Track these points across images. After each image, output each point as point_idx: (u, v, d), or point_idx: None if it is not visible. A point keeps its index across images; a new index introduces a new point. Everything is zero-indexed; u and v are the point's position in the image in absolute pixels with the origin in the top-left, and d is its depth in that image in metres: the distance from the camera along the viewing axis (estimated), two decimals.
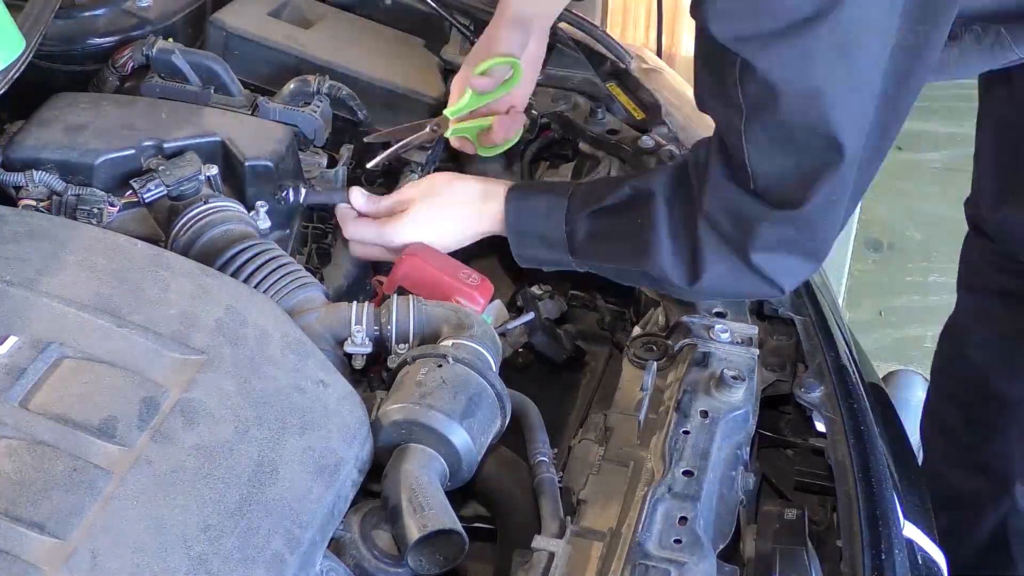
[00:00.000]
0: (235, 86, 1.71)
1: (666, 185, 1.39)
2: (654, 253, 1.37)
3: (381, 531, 1.20)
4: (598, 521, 1.22)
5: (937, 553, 1.40)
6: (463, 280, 1.50)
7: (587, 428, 1.39)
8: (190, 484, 1.05)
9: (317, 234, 1.65)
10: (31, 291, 1.16)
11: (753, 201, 1.30)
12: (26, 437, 1.03)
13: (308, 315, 1.37)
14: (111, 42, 1.74)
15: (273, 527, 1.06)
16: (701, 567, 1.12)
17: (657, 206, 1.37)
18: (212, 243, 1.42)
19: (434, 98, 1.88)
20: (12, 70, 1.35)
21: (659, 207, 1.37)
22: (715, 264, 1.35)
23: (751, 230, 1.31)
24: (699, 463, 1.25)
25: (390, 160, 1.84)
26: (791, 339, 1.51)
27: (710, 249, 1.34)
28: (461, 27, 1.94)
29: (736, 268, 1.34)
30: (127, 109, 1.57)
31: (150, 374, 1.13)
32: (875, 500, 1.29)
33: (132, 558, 0.98)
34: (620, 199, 1.42)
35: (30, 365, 1.09)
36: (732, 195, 1.31)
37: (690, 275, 1.37)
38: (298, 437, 1.14)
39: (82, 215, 1.41)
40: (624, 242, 1.41)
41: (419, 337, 1.37)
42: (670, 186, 1.39)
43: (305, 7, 1.99)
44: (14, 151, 1.47)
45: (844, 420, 1.37)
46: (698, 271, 1.35)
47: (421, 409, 1.22)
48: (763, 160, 1.27)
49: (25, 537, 0.96)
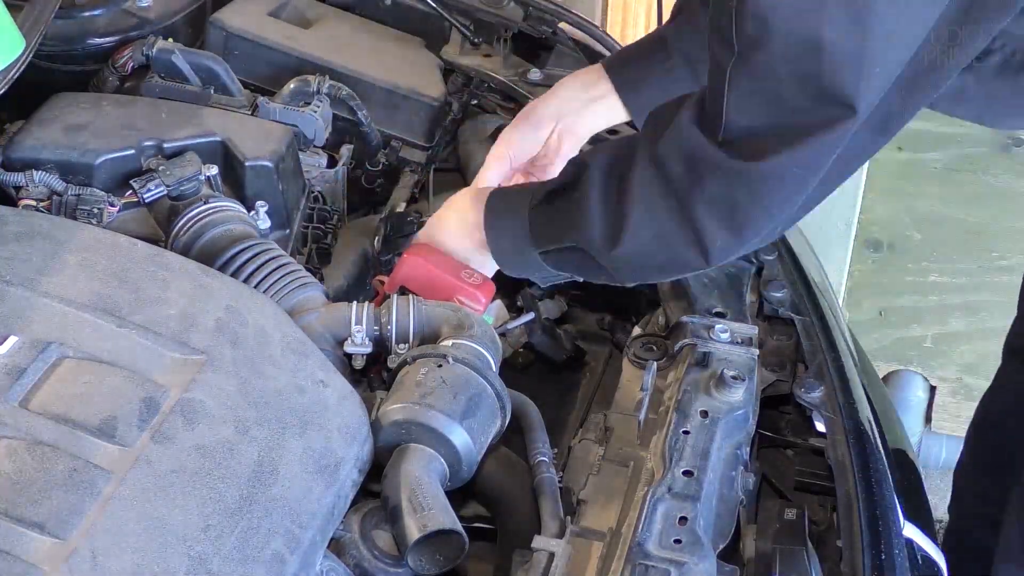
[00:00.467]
0: (235, 86, 1.71)
1: (604, 156, 1.35)
2: (582, 221, 1.32)
3: (381, 531, 1.20)
4: (598, 521, 1.22)
5: (937, 553, 1.40)
6: (465, 280, 1.50)
7: (587, 428, 1.39)
8: (190, 484, 1.05)
9: (317, 234, 1.65)
10: (31, 291, 1.16)
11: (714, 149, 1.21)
12: (26, 437, 1.03)
13: (308, 315, 1.37)
14: (111, 42, 1.74)
15: (273, 527, 1.06)
16: (701, 567, 1.12)
17: (592, 176, 1.33)
18: (212, 243, 1.42)
19: (434, 98, 1.88)
20: (12, 70, 1.35)
21: (593, 176, 1.33)
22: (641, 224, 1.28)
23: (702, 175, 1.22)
24: (699, 463, 1.25)
25: (390, 160, 1.85)
26: (791, 339, 1.51)
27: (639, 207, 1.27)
28: (461, 27, 1.94)
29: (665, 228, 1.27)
30: (127, 109, 1.57)
31: (150, 374, 1.13)
32: (875, 500, 1.29)
33: (132, 558, 0.98)
34: (565, 178, 1.38)
35: (30, 365, 1.09)
36: (694, 138, 1.23)
37: (613, 239, 1.30)
38: (298, 437, 1.14)
39: (82, 215, 1.41)
40: (564, 216, 1.37)
41: (419, 337, 1.37)
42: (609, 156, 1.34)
43: (305, 7, 1.99)
44: (14, 151, 1.47)
45: (844, 420, 1.37)
46: (621, 234, 1.29)
47: (421, 409, 1.22)
48: (740, 111, 1.18)
49: (25, 537, 0.96)
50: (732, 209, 1.23)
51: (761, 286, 1.57)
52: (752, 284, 1.58)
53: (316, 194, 1.69)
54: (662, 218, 1.27)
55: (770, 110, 1.18)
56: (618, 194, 1.30)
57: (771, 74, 1.15)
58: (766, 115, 1.19)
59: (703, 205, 1.24)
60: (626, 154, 1.31)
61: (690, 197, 1.24)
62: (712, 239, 1.25)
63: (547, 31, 1.94)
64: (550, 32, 1.94)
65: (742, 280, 1.57)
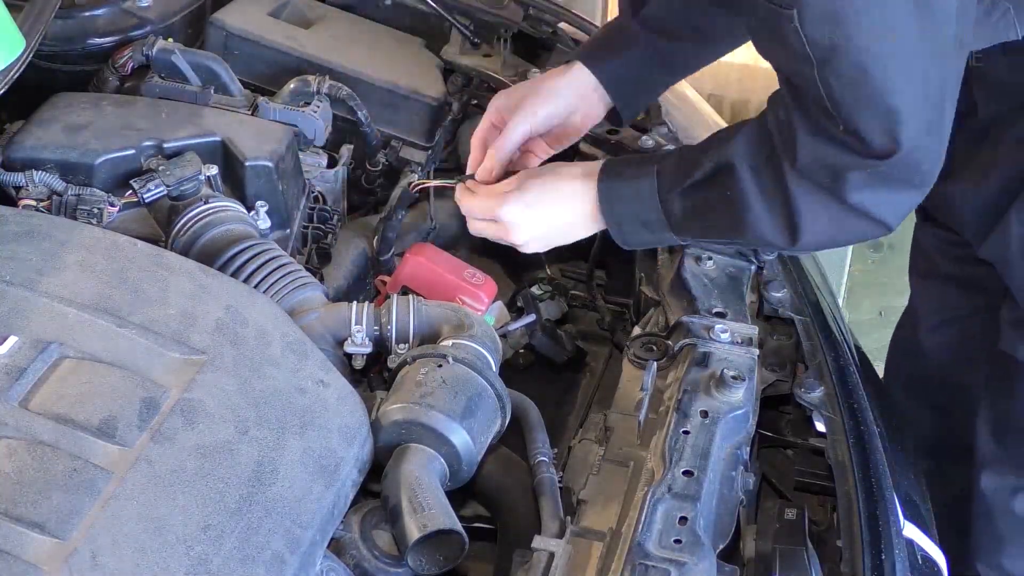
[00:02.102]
0: (235, 86, 1.71)
1: (745, 152, 1.36)
2: (750, 223, 1.35)
3: (381, 531, 1.20)
4: (598, 521, 1.22)
5: (937, 553, 1.40)
6: (467, 280, 1.51)
7: (587, 428, 1.39)
8: (190, 484, 1.05)
9: (317, 234, 1.65)
10: (31, 291, 1.16)
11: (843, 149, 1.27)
12: (26, 437, 1.03)
13: (308, 315, 1.37)
14: (111, 42, 1.74)
15: (273, 527, 1.06)
16: (701, 567, 1.12)
17: (741, 176, 1.34)
18: (212, 243, 1.42)
19: (434, 98, 1.88)
20: (12, 70, 1.35)
21: (744, 176, 1.34)
22: (814, 218, 1.32)
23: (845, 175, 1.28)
24: (699, 463, 1.25)
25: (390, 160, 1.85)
26: (791, 339, 1.51)
27: (806, 204, 1.31)
28: (461, 27, 1.94)
29: (836, 216, 1.32)
30: (127, 109, 1.57)
31: (150, 374, 1.13)
32: (875, 500, 1.29)
33: (132, 558, 0.98)
34: (705, 174, 1.39)
35: (30, 365, 1.09)
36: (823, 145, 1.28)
37: (790, 236, 1.34)
38: (298, 437, 1.14)
39: (82, 215, 1.41)
40: (719, 216, 1.39)
41: (419, 337, 1.37)
42: (750, 152, 1.36)
43: (305, 7, 1.99)
44: (14, 151, 1.47)
45: (844, 420, 1.37)
46: (797, 230, 1.33)
47: (421, 409, 1.22)
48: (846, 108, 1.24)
49: (25, 537, 0.96)
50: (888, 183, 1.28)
51: (761, 286, 1.57)
52: (752, 284, 1.58)
53: (316, 194, 1.69)
54: (831, 210, 1.31)
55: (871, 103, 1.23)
56: (779, 194, 1.33)
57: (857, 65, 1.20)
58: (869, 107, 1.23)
59: (863, 195, 1.29)
60: (769, 152, 1.33)
61: (849, 196, 1.29)
62: (883, 213, 1.31)
63: (547, 31, 1.94)
64: (550, 32, 1.94)
65: (742, 280, 1.57)
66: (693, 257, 1.58)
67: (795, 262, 1.65)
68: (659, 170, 1.42)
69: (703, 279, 1.55)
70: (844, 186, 1.28)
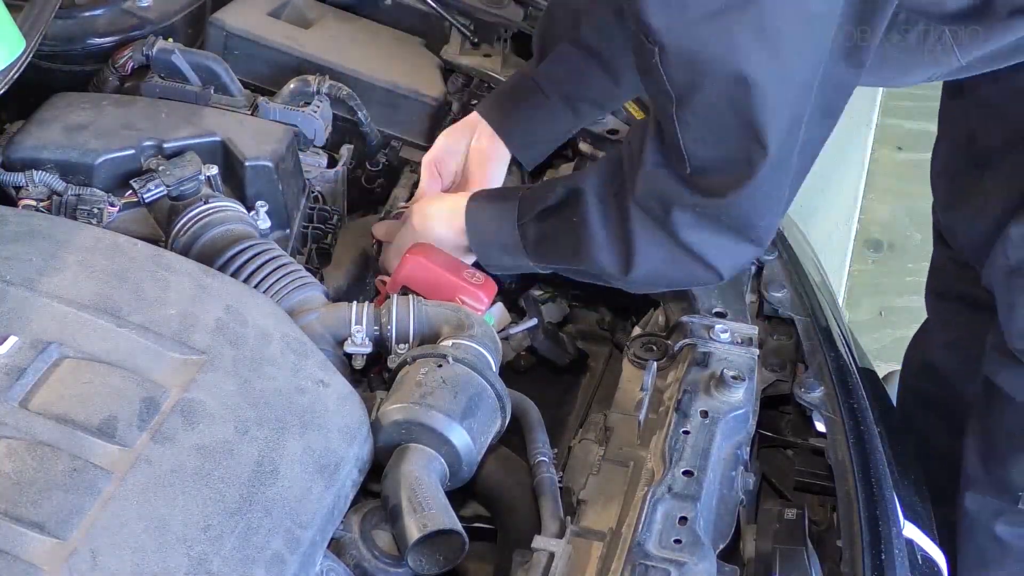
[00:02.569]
0: (235, 86, 1.71)
1: (596, 181, 1.39)
2: (588, 249, 1.37)
3: (381, 531, 1.20)
4: (598, 521, 1.22)
5: (937, 553, 1.40)
6: (467, 279, 1.50)
7: (587, 428, 1.39)
8: (190, 484, 1.05)
9: (317, 234, 1.65)
10: (31, 291, 1.16)
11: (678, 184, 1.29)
12: (26, 437, 1.03)
13: (308, 315, 1.37)
14: (111, 42, 1.74)
15: (273, 527, 1.06)
16: (701, 567, 1.12)
17: (587, 202, 1.37)
18: (212, 243, 1.42)
19: (434, 98, 1.88)
20: (12, 70, 1.35)
21: (589, 202, 1.37)
22: (648, 251, 1.34)
23: (673, 210, 1.29)
24: (699, 463, 1.25)
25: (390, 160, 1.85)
26: (791, 339, 1.51)
27: (643, 237, 1.33)
28: (461, 27, 1.94)
29: (670, 253, 1.33)
30: (127, 109, 1.57)
31: (150, 374, 1.13)
32: (875, 500, 1.29)
33: (132, 558, 0.98)
34: (557, 199, 1.43)
35: (30, 365, 1.09)
36: (661, 181, 1.30)
37: (623, 265, 1.36)
38: (298, 437, 1.14)
39: (82, 215, 1.41)
40: (564, 241, 1.42)
41: (419, 337, 1.37)
42: (600, 181, 1.39)
43: (305, 7, 1.99)
44: (14, 151, 1.47)
45: (844, 420, 1.37)
46: (631, 260, 1.35)
47: (421, 409, 1.22)
48: (696, 145, 1.25)
49: (25, 537, 0.96)
50: (717, 228, 1.30)
51: (761, 286, 1.57)
52: (752, 284, 1.58)
53: (316, 194, 1.69)
54: (665, 247, 1.33)
55: (722, 142, 1.24)
56: (619, 223, 1.35)
57: (712, 110, 1.22)
58: (721, 146, 1.25)
59: (692, 237, 1.31)
60: (617, 181, 1.36)
61: (680, 233, 1.30)
62: (714, 257, 1.32)
63: None
64: None
65: (742, 280, 1.57)
66: None
67: (795, 262, 1.65)
68: (523, 196, 1.47)
69: None
70: (673, 222, 1.30)
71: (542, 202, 1.44)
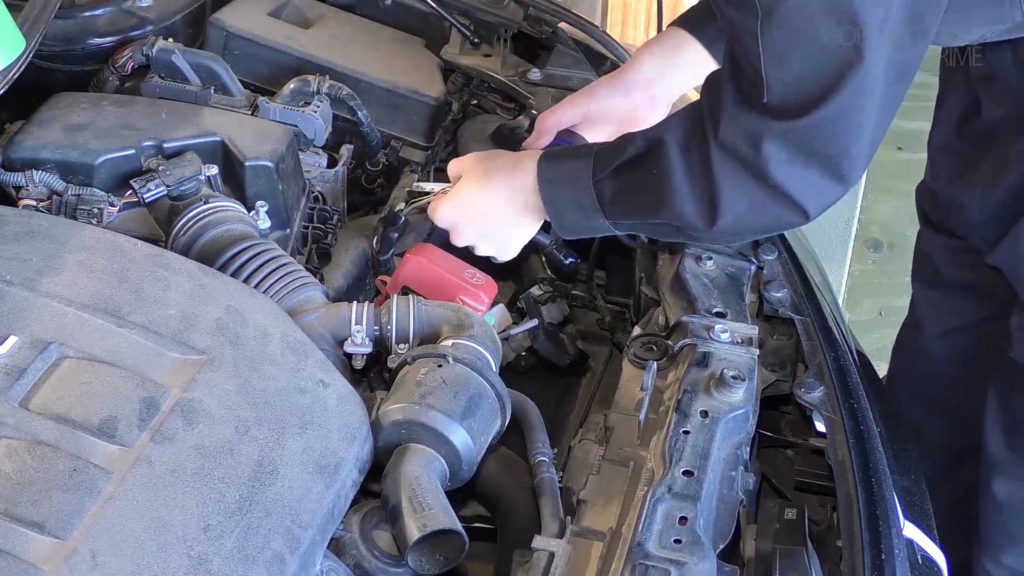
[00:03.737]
0: (235, 86, 1.71)
1: (677, 130, 1.36)
2: (671, 201, 1.34)
3: (381, 531, 1.20)
4: (598, 521, 1.22)
5: (937, 553, 1.40)
6: (467, 279, 1.50)
7: (587, 428, 1.39)
8: (190, 484, 1.05)
9: (317, 234, 1.65)
10: (31, 291, 1.16)
11: (764, 116, 1.25)
12: (26, 437, 1.03)
13: (308, 315, 1.37)
14: (111, 42, 1.74)
15: (273, 527, 1.06)
16: (701, 567, 1.12)
17: (670, 152, 1.34)
18: (212, 243, 1.42)
19: (434, 98, 1.88)
20: (12, 70, 1.35)
21: (671, 153, 1.33)
22: (734, 198, 1.31)
23: (764, 144, 1.25)
24: (699, 463, 1.25)
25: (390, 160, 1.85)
26: (791, 339, 1.51)
27: (728, 184, 1.30)
28: (461, 27, 1.95)
29: (756, 197, 1.30)
30: (127, 109, 1.57)
31: (150, 374, 1.13)
32: (875, 500, 1.29)
33: (132, 558, 0.98)
34: (636, 151, 1.38)
35: (30, 365, 1.09)
36: (743, 118, 1.27)
37: (709, 216, 1.32)
38: (298, 437, 1.14)
39: (82, 215, 1.41)
40: (645, 195, 1.38)
41: (419, 337, 1.37)
42: (681, 130, 1.35)
43: (305, 7, 1.99)
44: (14, 151, 1.47)
45: (844, 420, 1.37)
46: (716, 210, 1.31)
47: (421, 409, 1.22)
48: (779, 64, 1.22)
49: (25, 537, 0.96)
50: (808, 158, 1.26)
51: (761, 286, 1.57)
52: (752, 284, 1.58)
53: (316, 194, 1.69)
54: (750, 190, 1.29)
55: (808, 54, 1.21)
56: (702, 173, 1.31)
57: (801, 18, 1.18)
58: (805, 61, 1.21)
59: (782, 172, 1.26)
60: (699, 130, 1.32)
61: (767, 169, 1.27)
62: (802, 195, 1.29)
63: (547, 31, 1.94)
64: (550, 32, 1.94)
65: (742, 280, 1.57)
66: (693, 257, 1.58)
67: (795, 262, 1.65)
68: (597, 152, 1.42)
69: (703, 279, 1.55)
70: (762, 157, 1.26)
71: (619, 156, 1.39)
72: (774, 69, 1.22)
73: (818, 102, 1.22)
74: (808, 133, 1.25)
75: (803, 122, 1.23)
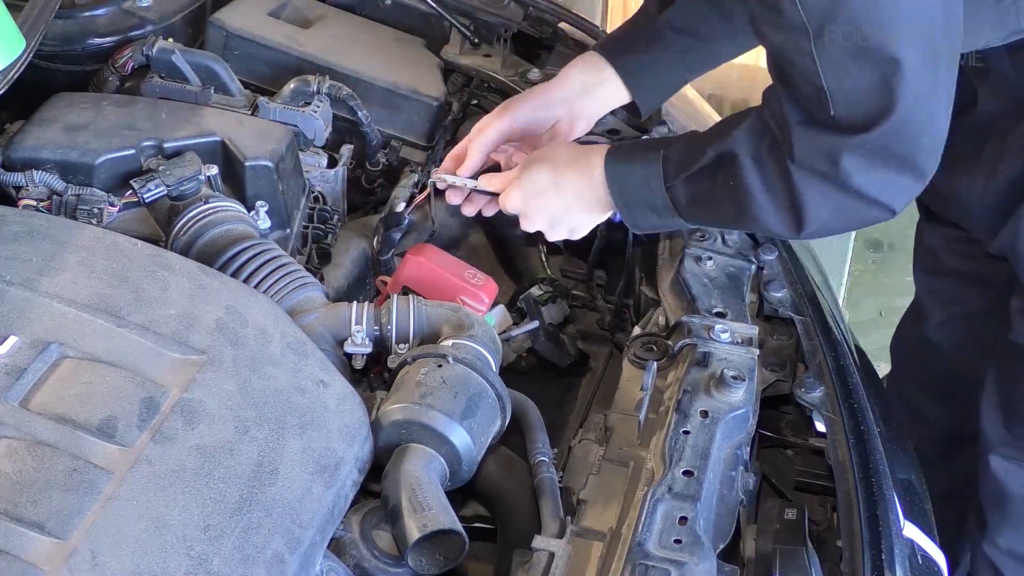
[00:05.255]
0: (235, 86, 1.71)
1: (748, 142, 1.37)
2: (755, 214, 1.36)
3: (381, 531, 1.20)
4: (598, 521, 1.22)
5: (937, 553, 1.40)
6: (468, 280, 1.50)
7: (587, 428, 1.39)
8: (190, 484, 1.05)
9: (317, 234, 1.65)
10: (31, 291, 1.16)
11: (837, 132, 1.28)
12: (26, 437, 1.03)
13: (308, 315, 1.37)
14: (111, 42, 1.74)
15: (273, 527, 1.06)
16: (701, 567, 1.12)
17: (744, 165, 1.35)
18: (212, 243, 1.42)
19: (434, 98, 1.88)
20: (12, 70, 1.35)
21: (745, 165, 1.35)
22: (818, 207, 1.33)
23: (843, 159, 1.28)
24: (699, 463, 1.25)
25: (390, 160, 1.85)
26: (791, 339, 1.51)
27: (811, 195, 1.32)
28: (461, 27, 1.95)
29: (840, 204, 1.33)
30: (127, 109, 1.57)
31: (150, 374, 1.13)
32: (875, 500, 1.29)
33: (132, 558, 0.98)
34: (708, 161, 1.40)
35: (30, 365, 1.09)
36: (817, 134, 1.29)
37: (795, 225, 1.35)
38: (298, 437, 1.14)
39: (82, 215, 1.41)
40: (724, 205, 1.40)
41: (419, 337, 1.37)
42: (752, 142, 1.36)
43: (305, 7, 1.99)
44: (14, 151, 1.47)
45: (844, 420, 1.37)
46: (802, 219, 1.34)
47: (421, 409, 1.22)
48: (840, 77, 1.24)
49: (25, 537, 0.96)
50: (887, 168, 1.29)
51: (761, 286, 1.57)
52: (752, 284, 1.58)
53: (316, 194, 1.69)
54: (834, 198, 1.32)
55: (861, 59, 1.22)
56: (783, 187, 1.33)
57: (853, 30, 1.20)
58: (861, 67, 1.23)
59: (863, 180, 1.29)
60: (769, 144, 1.34)
61: (849, 181, 1.29)
62: (886, 195, 1.31)
63: (547, 31, 1.94)
64: (550, 32, 1.94)
65: (742, 280, 1.57)
66: (693, 257, 1.58)
67: (795, 262, 1.65)
68: (665, 156, 1.43)
69: (703, 279, 1.55)
70: (842, 171, 1.28)
71: (692, 164, 1.41)
72: (835, 81, 1.24)
73: (886, 109, 1.24)
74: (882, 141, 1.27)
75: (875, 132, 1.26)
